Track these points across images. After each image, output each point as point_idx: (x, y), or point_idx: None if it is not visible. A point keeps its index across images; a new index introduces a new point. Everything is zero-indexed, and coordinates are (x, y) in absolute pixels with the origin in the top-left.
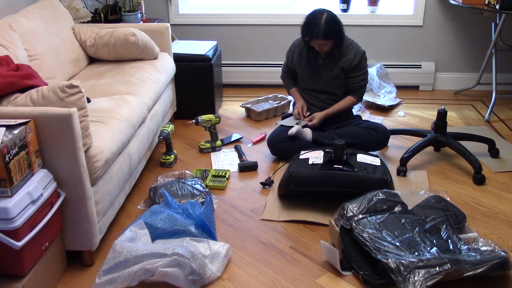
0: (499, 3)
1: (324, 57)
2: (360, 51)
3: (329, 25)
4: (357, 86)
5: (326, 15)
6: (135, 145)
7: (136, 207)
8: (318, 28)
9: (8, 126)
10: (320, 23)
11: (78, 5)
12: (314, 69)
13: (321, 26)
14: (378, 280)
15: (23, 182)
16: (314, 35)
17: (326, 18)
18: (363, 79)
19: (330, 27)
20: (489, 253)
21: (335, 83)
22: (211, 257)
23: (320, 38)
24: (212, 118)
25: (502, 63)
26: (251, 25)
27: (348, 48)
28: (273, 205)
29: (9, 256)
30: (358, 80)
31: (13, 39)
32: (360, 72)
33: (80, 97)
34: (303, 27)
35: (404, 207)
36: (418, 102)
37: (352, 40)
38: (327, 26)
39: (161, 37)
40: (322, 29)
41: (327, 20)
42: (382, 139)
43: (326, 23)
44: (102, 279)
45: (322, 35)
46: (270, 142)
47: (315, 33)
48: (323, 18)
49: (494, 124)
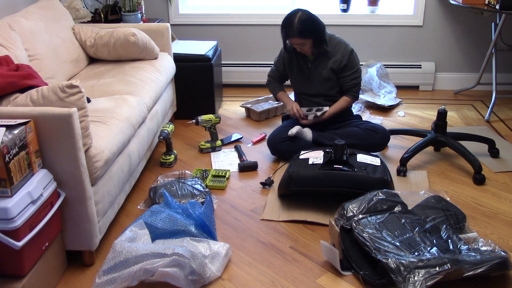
0: (499, 3)
1: (313, 60)
2: (348, 49)
3: (304, 23)
4: (350, 86)
5: (300, 14)
6: (135, 145)
7: (136, 207)
8: (293, 27)
9: (8, 126)
10: (294, 21)
11: (78, 5)
12: (305, 73)
13: (295, 24)
14: (378, 280)
15: (23, 182)
16: (290, 34)
17: (301, 17)
18: (354, 78)
19: (305, 25)
20: (489, 253)
21: (327, 85)
22: (211, 257)
23: (296, 36)
24: (212, 118)
25: (502, 63)
26: (251, 25)
27: (335, 48)
28: (273, 205)
29: (9, 256)
30: (349, 79)
31: (13, 39)
32: (351, 71)
33: (80, 97)
34: (281, 28)
35: (404, 207)
36: (418, 102)
37: (340, 39)
38: (301, 24)
39: (161, 37)
40: (296, 27)
41: (301, 18)
42: (382, 140)
43: (300, 22)
44: (102, 279)
45: (297, 33)
46: (270, 142)
47: (290, 31)
48: (297, 17)
49: (494, 124)
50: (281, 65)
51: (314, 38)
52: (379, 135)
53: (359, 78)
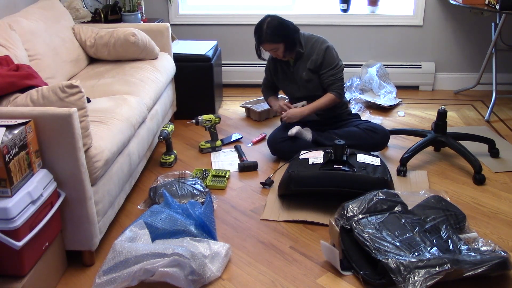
0: (499, 3)
1: (294, 63)
2: (322, 47)
3: (272, 28)
4: (329, 82)
5: (269, 20)
6: (135, 145)
7: (136, 207)
8: (263, 33)
9: (8, 126)
10: (263, 28)
11: (78, 5)
12: (289, 76)
13: (265, 30)
14: (378, 280)
15: (23, 182)
16: (261, 40)
17: (270, 23)
18: (332, 74)
19: (273, 30)
20: (489, 253)
21: (310, 86)
22: (211, 257)
23: (267, 42)
24: (212, 118)
25: (502, 63)
26: (251, 25)
27: (312, 48)
28: (273, 205)
29: (9, 256)
30: (327, 76)
31: (13, 39)
32: (328, 68)
33: (80, 97)
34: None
35: (404, 207)
36: (418, 102)
37: (317, 38)
38: (270, 30)
39: (161, 37)
40: (266, 33)
41: (269, 24)
42: (381, 141)
43: (270, 27)
44: (102, 279)
45: (267, 39)
46: (270, 142)
47: (261, 38)
48: (266, 23)
49: (494, 124)
50: (268, 71)
51: (285, 42)
52: (379, 135)
53: (339, 74)
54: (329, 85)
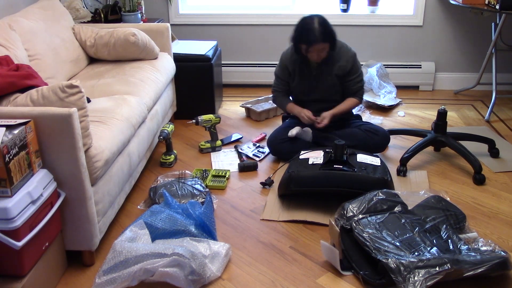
0: (499, 3)
1: (317, 67)
2: (351, 54)
3: (324, 27)
4: (355, 89)
5: (317, 19)
6: (135, 145)
7: (136, 207)
8: (315, 32)
9: (8, 126)
10: (314, 27)
11: (78, 5)
12: (309, 81)
13: (317, 29)
14: (378, 280)
15: (23, 182)
16: (312, 40)
17: (319, 21)
18: (359, 81)
19: (326, 29)
20: (489, 253)
21: (332, 90)
22: (211, 257)
23: (320, 41)
24: (212, 118)
25: (502, 63)
26: (251, 25)
27: (339, 53)
28: (273, 205)
29: (9, 256)
30: (354, 82)
31: (13, 39)
32: (355, 75)
33: (80, 97)
34: (298, 36)
35: (404, 207)
36: (418, 102)
37: (342, 43)
38: (323, 28)
39: (161, 37)
40: (319, 32)
41: (320, 22)
42: (382, 142)
43: (321, 26)
44: (102, 279)
45: (321, 38)
46: (270, 143)
47: (312, 38)
48: (315, 22)
49: (494, 124)
50: (285, 75)
51: (332, 42)
52: (379, 137)
53: (363, 80)
54: (355, 91)
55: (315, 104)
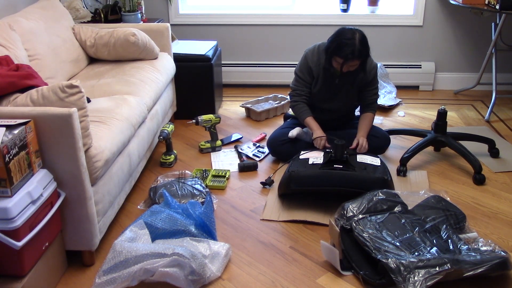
0: (499, 3)
1: (340, 76)
2: (374, 65)
3: (364, 45)
4: (371, 100)
5: (359, 35)
6: (135, 145)
7: (136, 207)
8: (354, 49)
9: (8, 126)
10: (355, 43)
11: (78, 5)
12: (331, 89)
13: (357, 47)
14: (378, 280)
15: (23, 182)
16: (350, 57)
17: (360, 38)
18: (375, 93)
19: (364, 47)
20: (489, 253)
21: (351, 102)
22: (211, 257)
23: (357, 59)
24: (212, 118)
25: (502, 63)
26: (251, 25)
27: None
28: (273, 205)
29: (9, 256)
30: (372, 94)
31: (13, 39)
32: (373, 86)
33: (80, 97)
34: (336, 49)
35: (404, 207)
36: (418, 102)
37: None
38: (363, 46)
39: (161, 37)
40: (359, 49)
41: (361, 39)
42: (382, 144)
43: (361, 43)
44: (102, 279)
45: (359, 56)
46: (270, 143)
47: (350, 54)
48: (356, 38)
49: (494, 124)
50: (309, 77)
51: (366, 59)
52: (379, 139)
53: (378, 93)
54: (370, 103)
55: (330, 113)
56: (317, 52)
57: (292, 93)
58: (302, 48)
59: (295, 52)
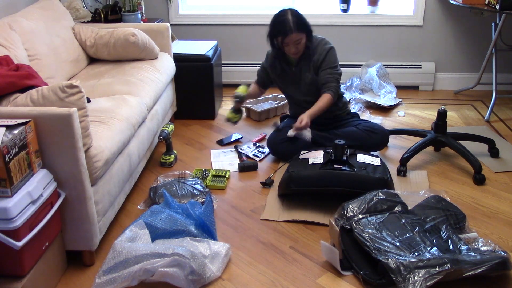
0: (499, 3)
1: (296, 64)
2: (327, 47)
3: (298, 17)
4: (325, 80)
5: (290, 11)
6: (135, 145)
7: (136, 207)
8: (289, 23)
9: (8, 126)
10: (288, 18)
11: (78, 5)
12: (291, 78)
13: (292, 20)
14: (378, 280)
15: (23, 182)
16: (287, 30)
17: (292, 13)
18: (330, 73)
19: (299, 19)
20: (489, 253)
21: (313, 88)
22: (211, 257)
23: (294, 31)
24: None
25: (502, 63)
26: (251, 25)
27: (316, 48)
28: (273, 205)
29: (9, 256)
30: (324, 74)
31: (13, 39)
32: (328, 66)
33: (80, 97)
34: (273, 30)
35: (404, 207)
36: (418, 102)
37: (321, 39)
38: (297, 18)
39: (161, 37)
40: (293, 22)
41: (293, 14)
42: (381, 141)
43: (294, 16)
44: (102, 279)
45: (295, 28)
46: (270, 143)
47: (287, 28)
48: (288, 13)
49: (494, 124)
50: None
51: (308, 33)
52: (378, 135)
53: (336, 75)
54: (324, 83)
55: (308, 105)
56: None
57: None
58: None
59: None
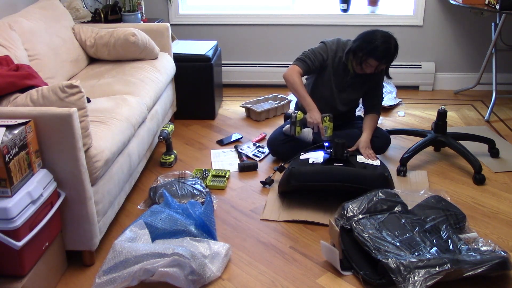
0: (499, 3)
1: (354, 76)
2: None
3: (396, 50)
4: (375, 102)
5: (394, 41)
6: (135, 145)
7: (136, 207)
8: (390, 52)
9: (8, 126)
10: (391, 47)
11: (78, 5)
12: (340, 84)
13: (392, 51)
14: (378, 280)
15: (23, 182)
16: (383, 58)
17: (395, 45)
18: (381, 95)
19: (396, 53)
20: (489, 253)
21: (352, 104)
22: (211, 257)
23: (386, 63)
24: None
25: (502, 63)
26: (251, 25)
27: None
28: (273, 205)
29: (9, 256)
30: (377, 95)
31: (13, 39)
32: (380, 89)
33: (80, 97)
34: (371, 49)
35: (404, 207)
36: (418, 102)
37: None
38: (395, 51)
39: (161, 37)
40: (392, 54)
41: (396, 46)
42: (382, 145)
43: (395, 49)
44: (102, 279)
45: (389, 60)
46: (270, 143)
47: (385, 56)
48: (392, 43)
49: (494, 124)
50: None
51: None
52: (380, 139)
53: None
54: (375, 104)
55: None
56: (336, 44)
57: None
58: (302, 48)
59: (295, 52)
